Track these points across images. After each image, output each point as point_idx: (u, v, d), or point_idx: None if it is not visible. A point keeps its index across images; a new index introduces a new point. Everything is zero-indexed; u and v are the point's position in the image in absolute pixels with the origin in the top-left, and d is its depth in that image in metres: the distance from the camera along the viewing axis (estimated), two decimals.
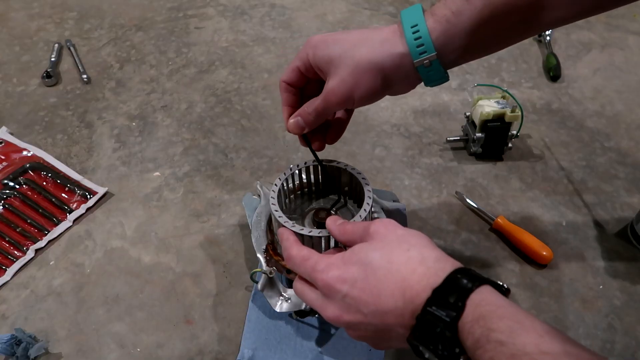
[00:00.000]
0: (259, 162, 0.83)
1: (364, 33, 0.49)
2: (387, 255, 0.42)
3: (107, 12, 1.14)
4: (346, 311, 0.42)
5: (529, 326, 0.34)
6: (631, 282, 0.67)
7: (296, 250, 0.48)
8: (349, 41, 0.48)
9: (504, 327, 0.34)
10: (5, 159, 0.83)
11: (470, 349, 0.35)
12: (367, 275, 0.41)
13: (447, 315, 0.36)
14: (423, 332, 0.38)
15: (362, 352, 0.60)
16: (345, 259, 0.44)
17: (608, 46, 1.03)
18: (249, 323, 0.63)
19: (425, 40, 0.45)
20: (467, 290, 0.37)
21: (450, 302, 0.37)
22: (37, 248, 0.72)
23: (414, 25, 0.46)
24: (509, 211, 0.76)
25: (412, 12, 0.47)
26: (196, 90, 0.96)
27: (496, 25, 0.46)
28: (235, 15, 1.13)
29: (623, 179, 0.79)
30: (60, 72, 1.00)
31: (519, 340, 0.33)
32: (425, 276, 0.39)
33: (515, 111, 0.76)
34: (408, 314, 0.39)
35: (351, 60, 0.47)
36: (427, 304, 0.37)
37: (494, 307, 0.35)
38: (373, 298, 0.41)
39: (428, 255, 0.41)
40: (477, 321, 0.35)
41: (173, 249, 0.72)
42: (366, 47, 0.47)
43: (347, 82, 0.48)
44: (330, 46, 0.49)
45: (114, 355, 0.62)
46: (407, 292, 0.39)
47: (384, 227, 0.45)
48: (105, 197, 0.79)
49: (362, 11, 1.13)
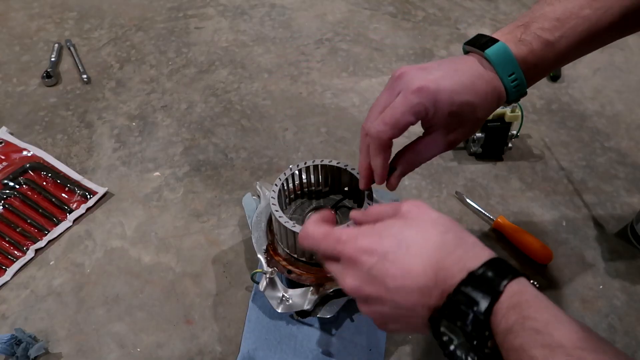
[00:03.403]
0: (259, 162, 0.83)
1: (476, 85, 0.47)
2: (422, 233, 0.41)
3: (107, 12, 1.14)
4: (368, 283, 0.41)
5: (565, 321, 0.34)
6: (631, 282, 0.67)
7: (313, 227, 0.45)
8: (469, 95, 0.47)
9: (540, 318, 0.34)
10: (5, 159, 0.83)
11: (501, 333, 0.35)
12: (399, 249, 0.40)
13: (484, 297, 0.36)
14: (453, 312, 0.37)
15: (362, 352, 0.60)
16: (377, 230, 0.42)
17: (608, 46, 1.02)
18: (249, 323, 0.63)
19: (522, 85, 0.48)
20: (504, 279, 0.36)
21: (487, 287, 0.36)
22: (37, 248, 0.72)
23: (511, 74, 0.48)
24: (509, 211, 0.76)
25: (507, 61, 0.47)
26: (196, 90, 0.96)
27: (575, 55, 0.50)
28: (235, 15, 1.13)
29: (623, 179, 0.79)
30: (60, 72, 1.00)
31: (555, 332, 0.33)
32: (462, 259, 0.38)
33: (515, 111, 0.76)
34: (437, 294, 0.38)
35: (475, 117, 0.49)
36: (462, 284, 0.37)
37: (532, 297, 0.35)
38: (402, 273, 0.39)
39: (467, 240, 0.41)
40: (513, 308, 0.35)
41: (173, 249, 0.72)
42: (484, 108, 0.48)
43: (465, 136, 0.51)
44: (456, 101, 0.47)
45: (114, 355, 0.62)
46: (441, 273, 0.39)
47: (416, 208, 0.43)
48: (105, 197, 0.79)
49: (362, 11, 1.13)
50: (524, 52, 0.47)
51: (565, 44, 0.47)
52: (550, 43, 0.47)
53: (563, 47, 0.47)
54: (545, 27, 0.47)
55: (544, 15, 0.47)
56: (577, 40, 0.47)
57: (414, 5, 1.14)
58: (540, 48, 0.47)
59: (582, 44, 0.48)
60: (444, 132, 0.49)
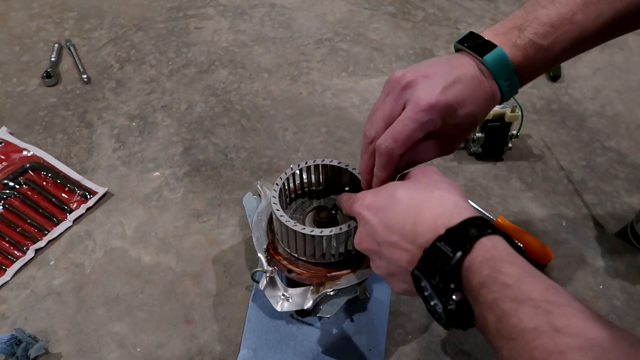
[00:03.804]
0: (259, 162, 0.83)
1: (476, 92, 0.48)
2: (411, 192, 0.44)
3: (107, 12, 1.14)
4: (365, 238, 0.46)
5: (536, 276, 0.35)
6: (631, 282, 0.67)
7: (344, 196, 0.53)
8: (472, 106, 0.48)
9: (512, 272, 0.35)
10: (5, 159, 0.83)
11: (475, 287, 0.36)
12: (388, 207, 0.44)
13: (452, 251, 0.37)
14: (426, 265, 0.39)
15: (362, 353, 0.60)
16: (378, 190, 0.47)
17: (608, 46, 1.03)
18: (249, 323, 0.63)
19: (516, 88, 0.50)
20: (478, 234, 0.38)
21: (460, 242, 0.38)
22: (37, 248, 0.72)
23: (507, 79, 0.48)
24: (509, 211, 0.76)
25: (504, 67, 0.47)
26: (196, 90, 0.96)
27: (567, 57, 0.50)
28: (235, 15, 1.13)
29: (623, 179, 0.79)
30: (60, 72, 1.00)
31: (525, 287, 0.34)
32: (440, 216, 0.41)
33: (515, 111, 0.76)
34: (416, 249, 0.41)
35: (474, 125, 0.51)
36: (437, 239, 0.39)
37: (505, 253, 0.37)
38: (385, 229, 0.43)
39: (448, 199, 0.42)
40: (486, 262, 0.36)
41: (173, 249, 0.72)
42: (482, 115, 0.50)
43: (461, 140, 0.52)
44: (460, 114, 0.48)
45: (114, 355, 0.62)
46: (419, 227, 0.41)
47: (421, 171, 0.48)
48: (105, 197, 0.79)
49: (362, 11, 1.13)
50: (519, 58, 0.48)
51: (557, 49, 0.48)
52: (543, 48, 0.47)
53: (556, 52, 0.48)
54: (539, 32, 0.47)
55: (537, 19, 0.47)
56: (569, 45, 0.48)
57: (414, 5, 1.14)
58: (533, 54, 0.48)
59: (573, 48, 0.48)
60: (446, 139, 0.50)
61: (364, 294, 0.60)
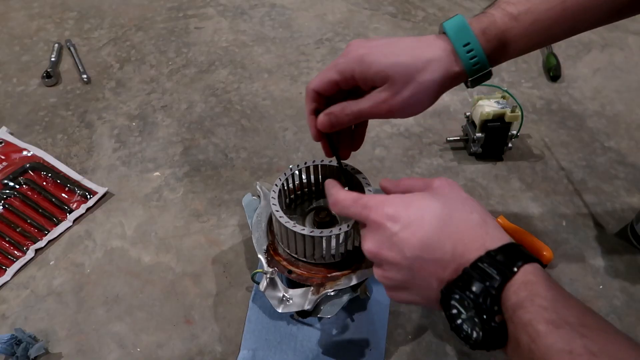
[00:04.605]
0: (259, 162, 0.83)
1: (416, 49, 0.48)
2: (449, 210, 0.42)
3: (107, 12, 1.14)
4: (387, 248, 0.42)
5: (572, 301, 0.35)
6: (631, 282, 0.67)
7: (343, 194, 0.48)
8: (405, 56, 0.47)
9: (550, 296, 0.35)
10: (5, 159, 0.83)
11: (510, 308, 0.36)
12: (423, 221, 0.41)
13: (498, 274, 0.37)
14: (466, 284, 0.38)
15: (362, 353, 0.60)
16: (405, 200, 0.44)
17: (608, 46, 1.03)
18: (249, 323, 0.63)
19: (481, 59, 0.48)
20: (520, 261, 0.38)
21: (502, 266, 0.37)
22: (37, 248, 0.72)
23: (466, 44, 0.47)
24: (509, 211, 0.76)
25: (461, 29, 0.47)
26: (196, 90, 0.96)
27: (540, 37, 0.49)
28: (235, 15, 1.13)
29: (623, 179, 0.79)
30: (60, 72, 1.00)
31: (561, 310, 0.34)
32: (482, 238, 0.40)
33: (515, 111, 0.76)
34: (452, 268, 0.40)
35: (413, 80, 0.48)
36: (479, 260, 0.38)
37: (543, 279, 0.37)
38: (422, 244, 0.41)
39: (490, 222, 0.42)
40: (524, 284, 0.36)
41: (173, 249, 0.72)
42: (426, 67, 0.47)
43: (405, 99, 0.49)
44: (384, 61, 0.47)
45: (114, 355, 0.62)
46: (459, 247, 0.40)
47: (448, 186, 0.45)
48: (105, 197, 0.79)
49: (362, 11, 1.13)
50: (484, 24, 0.47)
51: (530, 20, 0.46)
52: (514, 17, 0.46)
53: (528, 23, 0.47)
54: (511, 1, 0.47)
55: None
56: (543, 18, 0.47)
57: (414, 5, 1.14)
58: (503, 21, 0.47)
59: (550, 23, 0.47)
60: (376, 93, 0.49)
61: (364, 294, 0.60)
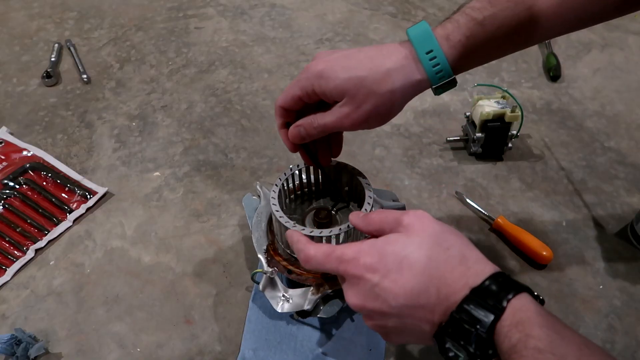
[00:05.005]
0: (259, 162, 0.83)
1: (375, 58, 0.47)
2: (425, 250, 0.41)
3: (107, 12, 1.14)
4: (371, 300, 0.41)
5: (568, 337, 0.34)
6: (631, 282, 0.67)
7: (314, 249, 0.46)
8: (362, 69, 0.47)
9: (543, 335, 0.34)
10: (5, 159, 0.83)
11: (505, 353, 0.35)
12: (402, 268, 0.40)
13: (486, 315, 0.36)
14: (456, 330, 0.37)
15: (362, 353, 0.60)
16: (379, 248, 0.42)
17: (608, 46, 1.03)
18: (249, 323, 0.63)
19: (444, 66, 0.47)
20: (507, 295, 0.36)
21: (489, 304, 0.36)
22: (37, 248, 0.72)
23: (429, 51, 0.46)
24: (509, 211, 0.76)
25: (424, 36, 0.47)
26: (196, 90, 0.96)
27: (505, 43, 0.49)
28: (235, 15, 1.13)
29: (623, 179, 0.79)
30: (60, 72, 1.00)
31: (558, 350, 0.33)
32: (464, 276, 0.39)
33: (515, 111, 0.76)
34: (440, 311, 0.39)
35: (369, 91, 0.47)
36: (464, 301, 0.37)
37: (534, 314, 0.35)
38: (405, 292, 0.40)
39: (469, 256, 0.41)
40: (515, 326, 0.35)
41: (173, 249, 0.72)
42: (384, 76, 0.47)
43: (366, 110, 0.48)
44: (341, 75, 0.47)
45: (114, 355, 0.62)
46: (443, 290, 0.39)
47: (419, 221, 0.43)
48: (105, 197, 0.79)
49: (362, 11, 1.13)
50: (448, 30, 0.46)
51: (495, 25, 0.46)
52: (478, 22, 0.46)
53: (494, 28, 0.46)
54: (475, 6, 0.46)
55: None
56: (509, 23, 0.46)
57: (414, 5, 1.14)
58: (468, 26, 0.46)
59: (517, 28, 0.47)
60: (337, 107, 0.49)
61: None
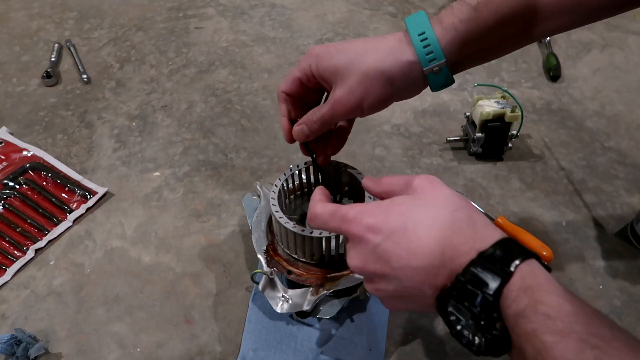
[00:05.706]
0: (259, 162, 0.83)
1: (369, 42, 0.49)
2: (431, 212, 0.40)
3: (107, 12, 1.14)
4: (373, 262, 0.41)
5: (578, 305, 0.33)
6: (631, 282, 0.67)
7: (321, 207, 0.45)
8: (354, 50, 0.48)
9: (553, 302, 0.33)
10: (5, 159, 0.83)
11: (512, 317, 0.34)
12: (406, 229, 0.39)
13: (493, 279, 0.35)
14: (461, 292, 0.36)
15: (362, 353, 0.60)
16: (384, 209, 0.41)
17: (608, 46, 1.03)
18: (249, 323, 0.63)
19: (435, 47, 0.46)
20: (515, 260, 0.35)
21: (497, 268, 0.35)
22: (37, 248, 0.72)
23: (421, 32, 0.46)
24: (509, 211, 0.76)
25: (418, 19, 0.47)
26: (196, 90, 0.96)
27: (501, 33, 0.48)
28: (235, 15, 1.13)
29: (623, 179, 0.79)
30: (60, 72, 1.00)
31: (568, 317, 0.32)
32: (472, 239, 0.38)
33: (515, 111, 0.76)
34: (444, 274, 0.38)
35: (359, 70, 0.47)
36: (471, 264, 0.36)
37: (543, 280, 0.35)
38: (408, 253, 0.39)
39: (477, 220, 0.39)
40: (524, 291, 0.34)
41: (173, 249, 0.72)
42: (374, 56, 0.47)
43: (356, 92, 0.48)
44: (335, 56, 0.48)
45: (114, 355, 0.62)
46: (448, 252, 0.38)
47: (429, 183, 0.42)
48: (105, 197, 0.79)
49: (362, 11, 1.13)
50: (442, 15, 0.47)
51: (489, 11, 0.46)
52: (472, 7, 0.46)
53: (487, 14, 0.46)
54: None
55: None
56: (504, 9, 0.46)
57: (414, 5, 1.14)
58: (461, 10, 0.46)
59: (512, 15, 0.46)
60: (331, 94, 0.49)
61: (364, 294, 0.60)
